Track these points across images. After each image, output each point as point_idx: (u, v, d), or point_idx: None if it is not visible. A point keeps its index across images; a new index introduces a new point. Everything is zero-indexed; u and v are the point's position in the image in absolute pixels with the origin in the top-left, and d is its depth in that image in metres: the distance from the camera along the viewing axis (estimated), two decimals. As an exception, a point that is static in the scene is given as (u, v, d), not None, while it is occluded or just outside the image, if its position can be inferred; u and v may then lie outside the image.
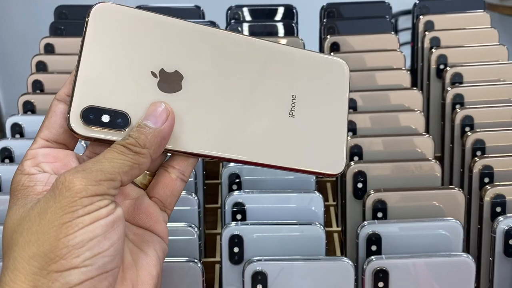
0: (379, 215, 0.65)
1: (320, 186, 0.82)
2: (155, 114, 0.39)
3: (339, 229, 0.76)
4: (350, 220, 0.70)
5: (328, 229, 0.74)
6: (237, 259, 0.59)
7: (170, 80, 0.40)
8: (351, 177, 0.69)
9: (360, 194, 0.69)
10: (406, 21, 1.89)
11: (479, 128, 0.76)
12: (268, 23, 1.04)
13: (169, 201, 0.42)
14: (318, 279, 0.56)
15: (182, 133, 0.40)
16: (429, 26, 0.99)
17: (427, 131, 0.87)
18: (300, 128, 0.42)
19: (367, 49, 0.92)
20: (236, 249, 0.59)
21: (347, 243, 0.71)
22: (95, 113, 0.38)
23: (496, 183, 0.67)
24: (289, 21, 1.04)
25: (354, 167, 0.69)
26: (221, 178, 0.69)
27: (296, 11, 1.08)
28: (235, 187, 0.69)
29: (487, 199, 0.66)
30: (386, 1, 1.07)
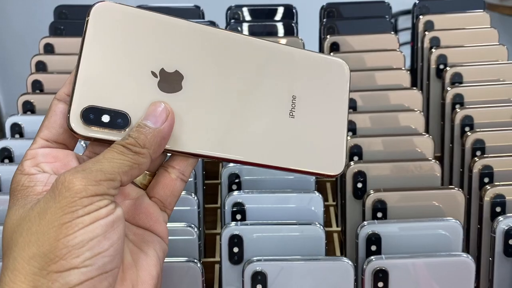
0: (379, 215, 0.65)
1: (320, 186, 0.82)
2: (155, 114, 0.39)
3: (339, 229, 0.76)
4: (350, 220, 0.70)
5: (328, 229, 0.74)
6: (236, 259, 0.59)
7: (170, 80, 0.40)
8: (351, 177, 0.69)
9: (360, 194, 0.69)
10: (406, 21, 1.89)
11: (479, 128, 0.76)
12: (268, 23, 1.04)
13: (169, 201, 0.42)
14: (317, 279, 0.56)
15: (182, 133, 0.40)
16: (429, 26, 0.99)
17: (427, 131, 0.87)
18: (300, 129, 0.42)
19: (366, 49, 0.92)
20: (235, 249, 0.59)
21: (347, 243, 0.71)
22: (95, 113, 0.38)
23: (496, 183, 0.67)
24: (288, 21, 1.04)
25: (354, 167, 0.69)
26: (221, 178, 0.69)
27: (296, 11, 1.08)
28: (234, 187, 0.69)
29: (487, 199, 0.66)
30: (386, 1, 1.07)
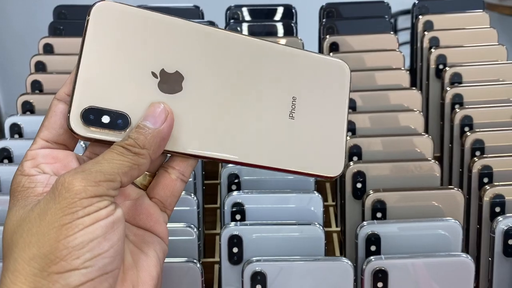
0: (379, 215, 0.65)
1: (319, 186, 0.82)
2: (154, 115, 0.39)
3: (339, 229, 0.76)
4: (349, 220, 0.70)
5: (327, 229, 0.74)
6: (236, 259, 0.59)
7: (170, 80, 0.40)
8: (350, 177, 0.69)
9: (360, 194, 0.69)
10: (405, 21, 1.89)
11: (478, 128, 0.76)
12: (267, 23, 1.04)
13: (169, 202, 0.42)
14: (317, 279, 0.56)
15: (181, 134, 0.40)
16: (428, 26, 0.99)
17: (426, 131, 0.87)
18: (300, 131, 0.42)
19: (366, 49, 0.92)
20: (235, 249, 0.59)
21: (346, 243, 0.71)
22: (95, 114, 0.38)
23: (495, 183, 0.67)
24: (288, 21, 1.04)
25: (353, 167, 0.69)
26: (220, 178, 0.69)
27: (295, 11, 1.08)
28: (234, 187, 0.69)
29: (486, 199, 0.66)
30: (385, 1, 1.07)
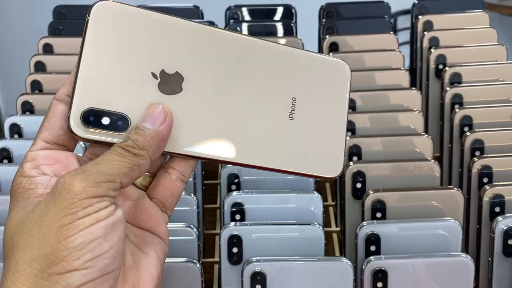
0: (378, 215, 0.65)
1: (319, 186, 0.82)
2: (153, 116, 0.39)
3: (338, 229, 0.76)
4: (349, 220, 0.70)
5: (327, 229, 0.74)
6: (236, 259, 0.59)
7: (170, 81, 0.40)
8: (350, 177, 0.69)
9: (359, 194, 0.69)
10: (405, 21, 1.89)
11: (478, 128, 0.76)
12: (267, 23, 1.04)
13: (169, 202, 0.42)
14: (317, 279, 0.56)
15: (181, 136, 0.40)
16: (428, 26, 0.99)
17: (426, 131, 0.87)
18: (299, 132, 0.42)
19: (366, 49, 0.92)
20: (235, 250, 0.59)
21: (346, 243, 0.71)
22: (95, 115, 0.38)
23: (495, 183, 0.67)
24: (288, 21, 1.04)
25: (353, 167, 0.69)
26: (220, 178, 0.69)
27: (295, 11, 1.08)
28: (234, 187, 0.69)
29: (486, 199, 0.66)
30: (385, 1, 1.07)
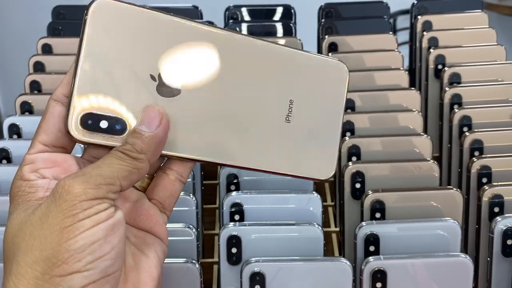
0: (377, 215, 0.65)
1: (318, 186, 0.82)
2: (149, 119, 0.39)
3: (337, 229, 0.76)
4: (348, 220, 0.70)
5: (326, 229, 0.74)
6: (235, 259, 0.59)
7: (169, 83, 0.40)
8: (349, 177, 0.69)
9: (358, 194, 0.69)
10: (404, 21, 1.89)
11: (477, 128, 0.76)
12: (266, 23, 1.04)
13: (168, 203, 0.42)
14: (316, 279, 0.56)
15: (179, 138, 0.40)
16: (427, 26, 0.99)
17: (425, 131, 0.87)
18: (295, 134, 0.42)
19: (365, 49, 0.92)
20: (234, 250, 0.59)
21: (345, 243, 0.71)
22: (94, 119, 0.38)
23: (494, 183, 0.67)
24: (287, 21, 1.04)
25: (352, 168, 0.69)
26: (219, 178, 0.69)
27: (294, 11, 1.08)
28: (233, 187, 0.69)
29: (485, 199, 0.66)
30: (384, 1, 1.07)
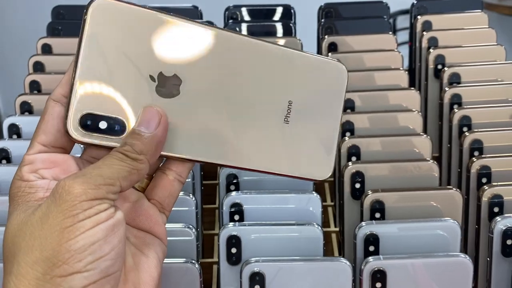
0: (377, 215, 0.65)
1: (318, 186, 0.82)
2: (148, 119, 0.39)
3: (337, 229, 0.76)
4: (348, 220, 0.70)
5: (326, 229, 0.74)
6: (234, 259, 0.59)
7: (168, 84, 0.40)
8: (349, 177, 0.69)
9: (358, 194, 0.69)
10: (404, 21, 1.89)
11: (477, 128, 0.76)
12: (266, 23, 1.04)
13: (167, 203, 0.42)
14: (316, 279, 0.56)
15: (178, 139, 0.40)
16: (427, 26, 0.99)
17: (424, 131, 0.87)
18: (293, 135, 0.42)
19: (365, 49, 0.92)
20: (233, 250, 0.59)
21: (345, 243, 0.71)
22: (93, 120, 0.38)
23: (494, 183, 0.67)
24: (287, 21, 1.04)
25: (352, 168, 0.69)
26: (219, 178, 0.69)
27: (294, 11, 1.08)
28: (233, 187, 0.69)
29: (485, 199, 0.66)
30: (384, 1, 1.07)
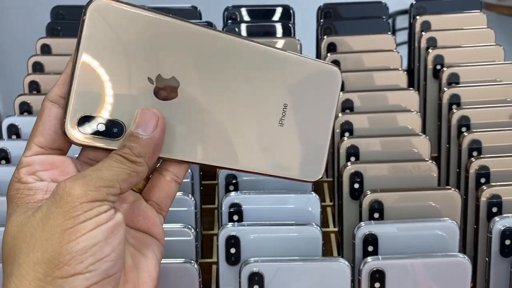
0: (376, 215, 0.65)
1: (317, 186, 0.82)
2: (145, 122, 0.39)
3: (336, 229, 0.76)
4: (347, 220, 0.70)
5: (325, 229, 0.74)
6: (233, 260, 0.59)
7: (166, 86, 0.40)
8: (347, 177, 0.69)
9: (357, 194, 0.69)
10: (403, 21, 1.89)
11: (476, 129, 0.76)
12: (265, 23, 1.04)
13: (164, 203, 0.42)
14: (314, 279, 0.56)
15: (176, 141, 0.40)
16: (426, 26, 0.99)
17: (423, 131, 0.87)
18: (287, 137, 0.43)
19: (364, 50, 0.92)
20: (232, 250, 0.59)
21: (344, 243, 0.71)
22: (91, 122, 0.38)
23: (492, 184, 0.67)
24: (286, 21, 1.04)
25: (350, 168, 0.69)
26: (218, 179, 0.69)
27: (293, 12, 1.08)
28: (232, 188, 0.69)
29: (483, 199, 0.66)
30: (383, 1, 1.07)
